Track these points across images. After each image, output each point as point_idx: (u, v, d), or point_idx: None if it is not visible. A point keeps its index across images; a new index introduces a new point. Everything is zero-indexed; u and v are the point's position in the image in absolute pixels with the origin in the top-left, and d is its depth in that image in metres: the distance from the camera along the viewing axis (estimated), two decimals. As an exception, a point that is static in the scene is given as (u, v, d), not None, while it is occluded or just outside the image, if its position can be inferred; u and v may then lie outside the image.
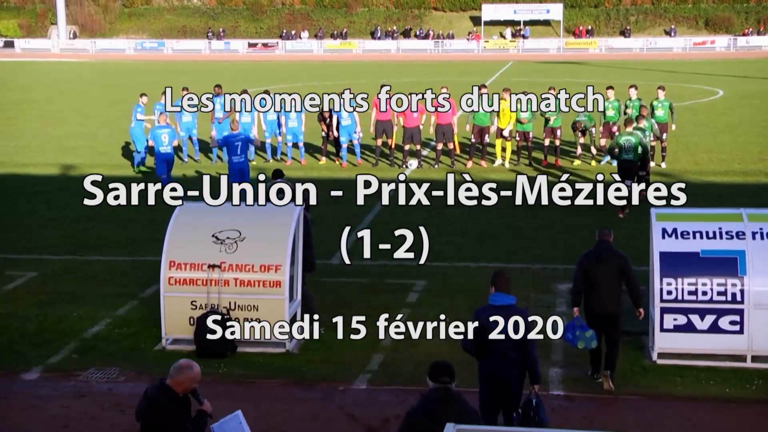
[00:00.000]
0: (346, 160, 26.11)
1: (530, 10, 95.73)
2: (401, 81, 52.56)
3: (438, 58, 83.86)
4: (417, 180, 24.18)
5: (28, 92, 49.62)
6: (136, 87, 27.87)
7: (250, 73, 64.74)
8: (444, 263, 16.25)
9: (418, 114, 25.20)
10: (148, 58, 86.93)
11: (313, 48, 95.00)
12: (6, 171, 25.84)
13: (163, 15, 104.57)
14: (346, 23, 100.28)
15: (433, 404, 6.83)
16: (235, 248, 12.05)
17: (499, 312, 8.77)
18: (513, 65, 71.43)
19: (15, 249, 17.44)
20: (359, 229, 18.83)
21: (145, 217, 19.83)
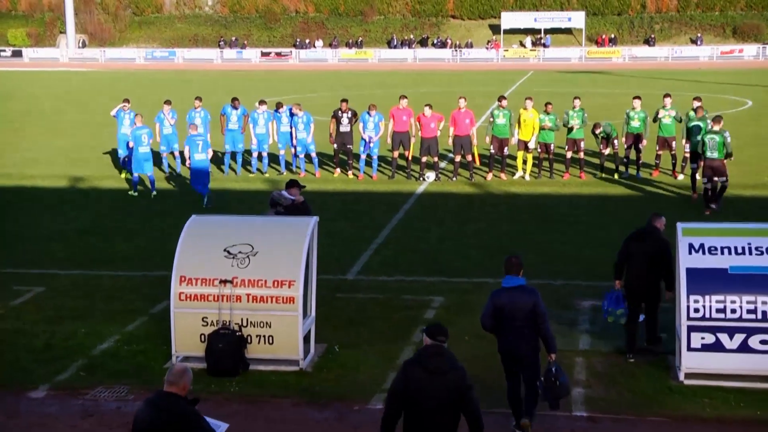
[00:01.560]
0: (363, 171, 26.13)
1: (551, 18, 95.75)
2: (418, 91, 52.59)
3: (456, 68, 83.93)
4: (434, 193, 24.17)
5: (36, 103, 49.92)
6: (147, 97, 28.03)
7: (263, 82, 64.93)
8: (462, 279, 16.21)
9: (435, 123, 25.21)
10: (158, 67, 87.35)
11: (327, 57, 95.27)
12: (13, 183, 25.97)
13: (174, 23, 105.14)
14: (362, 32, 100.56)
15: (429, 357, 7.88)
16: (248, 263, 12.06)
17: (510, 292, 10.20)
18: (533, 75, 71.39)
19: (22, 263, 17.51)
20: (375, 244, 18.82)
21: (155, 230, 19.89)
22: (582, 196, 23.44)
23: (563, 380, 10.09)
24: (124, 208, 22.60)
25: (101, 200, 23.67)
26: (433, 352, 7.91)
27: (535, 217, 21.13)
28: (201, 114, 26.27)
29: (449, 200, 23.31)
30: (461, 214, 21.52)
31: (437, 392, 7.75)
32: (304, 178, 25.38)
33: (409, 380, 7.85)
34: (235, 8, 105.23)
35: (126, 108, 26.15)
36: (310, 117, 26.28)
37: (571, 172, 25.92)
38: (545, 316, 10.09)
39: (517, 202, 22.89)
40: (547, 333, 10.08)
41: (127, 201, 23.42)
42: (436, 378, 7.76)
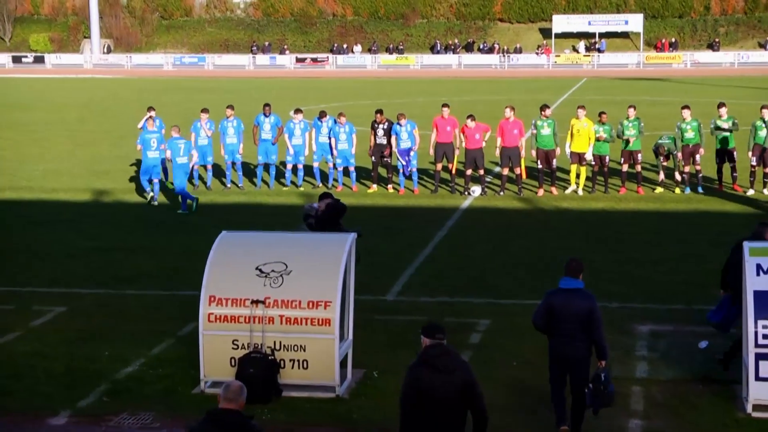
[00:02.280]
0: (403, 185, 26.17)
1: (606, 21, 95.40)
2: (463, 99, 52.60)
3: (503, 75, 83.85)
4: (480, 208, 24.13)
5: (59, 111, 50.54)
6: (175, 106, 28.28)
7: (297, 90, 65.28)
8: (509, 300, 16.16)
9: (480, 134, 25.20)
10: (187, 74, 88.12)
11: (366, 63, 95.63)
12: (34, 197, 26.29)
13: (203, 27, 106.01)
14: (403, 36, 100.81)
15: (436, 357, 8.32)
16: (281, 282, 12.09)
17: (566, 294, 10.50)
18: (587, 82, 71.15)
19: (42, 282, 17.69)
20: (417, 262, 18.82)
21: (183, 247, 20.03)
22: (639, 213, 23.29)
23: (611, 389, 10.42)
24: (149, 223, 22.79)
25: (126, 215, 23.89)
26: (439, 352, 8.37)
27: (588, 234, 21.02)
28: (234, 123, 26.45)
29: (496, 216, 23.25)
30: (509, 231, 21.47)
31: (446, 391, 8.24)
32: (340, 192, 25.46)
33: (418, 382, 8.30)
34: (268, 11, 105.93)
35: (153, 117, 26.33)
36: (352, 128, 26.42)
37: (628, 186, 25.77)
38: (600, 323, 10.43)
39: (569, 218, 22.79)
40: (601, 339, 10.42)
41: (152, 216, 23.61)
42: (445, 377, 8.24)
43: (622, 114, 26.90)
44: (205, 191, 26.48)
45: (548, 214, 23.37)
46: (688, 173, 25.58)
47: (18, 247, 20.45)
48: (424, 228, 21.83)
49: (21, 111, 50.86)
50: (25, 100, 58.48)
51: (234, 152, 26.48)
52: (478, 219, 22.93)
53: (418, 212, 23.79)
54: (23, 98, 59.80)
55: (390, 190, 26.22)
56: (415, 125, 25.94)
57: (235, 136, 26.46)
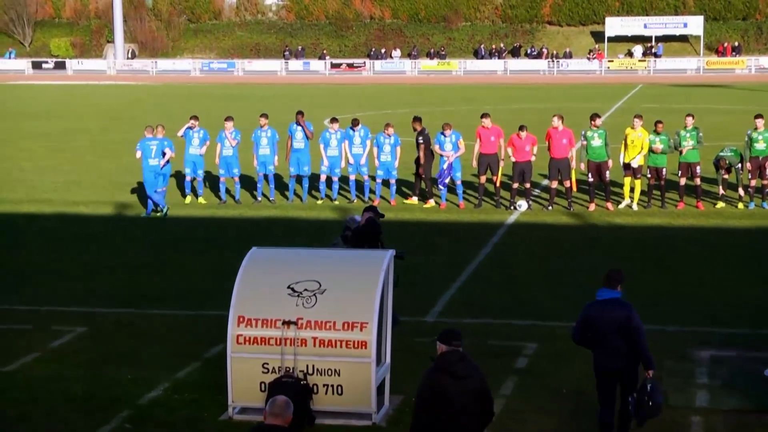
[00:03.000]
0: (445, 199, 26.16)
1: (664, 23, 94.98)
2: (508, 108, 52.56)
3: (552, 81, 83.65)
4: (527, 224, 24.06)
5: (80, 120, 51.00)
6: (202, 114, 28.43)
7: (332, 97, 65.48)
8: (558, 323, 16.07)
9: (529, 146, 25.16)
10: (215, 80, 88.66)
11: (406, 69, 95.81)
12: (54, 210, 26.52)
13: (233, 31, 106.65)
14: (445, 40, 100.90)
15: (453, 363, 8.91)
16: (314, 302, 12.10)
17: (604, 305, 10.87)
18: (642, 89, 70.82)
19: (62, 300, 17.82)
20: (459, 282, 18.79)
21: (211, 264, 20.12)
22: (698, 229, 23.13)
23: (657, 400, 10.58)
24: (176, 239, 22.93)
25: (151, 230, 24.05)
26: (456, 358, 8.95)
27: (643, 252, 20.90)
28: (267, 133, 26.57)
29: (543, 232, 23.18)
30: (557, 249, 21.38)
31: (463, 396, 8.83)
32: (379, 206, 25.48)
33: (435, 388, 8.87)
34: (301, 14, 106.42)
35: (195, 126, 26.49)
36: (398, 139, 26.48)
37: (686, 201, 25.60)
38: (640, 331, 10.70)
39: (623, 235, 22.67)
40: (643, 349, 10.69)
41: (179, 231, 23.76)
42: (462, 382, 8.85)
43: (679, 123, 26.74)
44: (233, 205, 26.61)
45: (600, 231, 23.26)
46: (754, 187, 25.37)
47: (36, 263, 20.64)
48: (467, 245, 21.79)
49: (41, 120, 51.40)
50: (45, 108, 59.09)
51: (267, 164, 26.58)
52: (524, 235, 22.87)
53: (461, 228, 23.76)
54: (43, 106, 60.42)
55: (430, 203, 26.22)
56: (460, 136, 26.00)
57: (268, 147, 26.56)
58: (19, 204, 27.33)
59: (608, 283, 11.04)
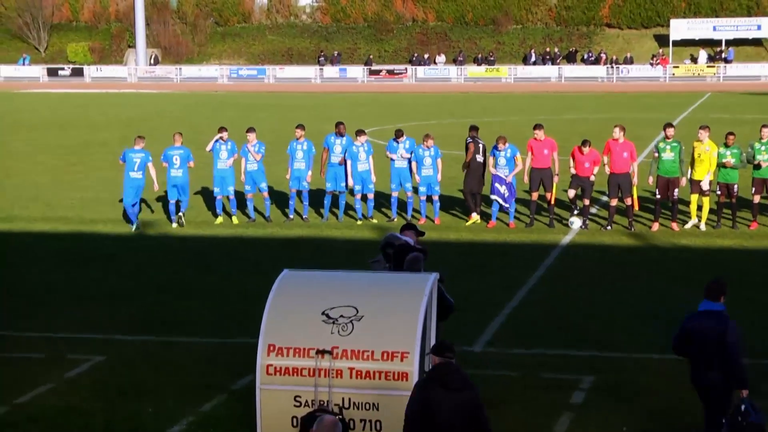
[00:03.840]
0: (495, 218, 26.11)
1: (734, 26, 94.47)
2: (563, 118, 52.44)
3: (612, 89, 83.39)
4: (584, 245, 23.97)
5: (99, 131, 51.40)
6: (230, 124, 28.57)
7: (370, 106, 65.62)
8: (618, 354, 16.01)
9: (590, 164, 25.10)
10: (245, 88, 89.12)
11: (450, 76, 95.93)
12: (70, 229, 26.71)
13: (264, 35, 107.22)
14: (494, 44, 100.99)
15: (447, 375, 9.67)
16: (351, 329, 12.10)
17: (701, 317, 11.31)
18: (711, 97, 70.43)
19: (78, 327, 17.92)
20: (509, 308, 18.74)
21: (239, 288, 20.18)
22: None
23: (754, 419, 10.87)
24: (201, 259, 23.03)
25: (174, 250, 24.17)
26: (450, 370, 9.74)
27: (713, 277, 20.70)
28: (304, 146, 26.62)
29: (602, 254, 23.08)
30: (617, 272, 21.28)
31: (456, 409, 9.53)
32: (423, 225, 25.48)
33: (427, 400, 9.57)
34: (338, 16, 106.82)
35: (224, 138, 26.67)
36: (438, 151, 26.43)
37: (760, 220, 25.41)
38: (735, 347, 11.04)
39: (690, 258, 22.53)
40: (736, 365, 11.02)
41: (205, 252, 23.86)
42: (454, 395, 9.57)
43: (752, 135, 26.57)
44: (263, 223, 26.70)
45: (665, 253, 23.13)
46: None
47: (51, 286, 20.78)
48: (518, 267, 21.73)
49: (57, 131, 51.86)
50: (61, 118, 59.62)
51: (300, 179, 26.63)
52: (580, 257, 22.78)
53: (511, 249, 23.71)
54: (59, 116, 60.96)
55: (473, 220, 26.17)
56: (517, 151, 25.86)
57: (303, 161, 26.60)
58: (33, 222, 27.57)
59: (709, 295, 11.43)
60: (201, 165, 29.03)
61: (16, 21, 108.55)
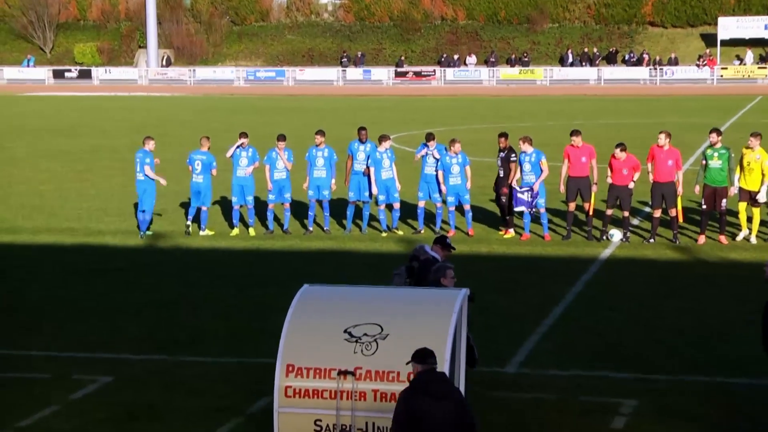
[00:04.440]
0: (528, 230, 26.05)
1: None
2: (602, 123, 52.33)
3: (655, 92, 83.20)
4: (625, 259, 23.89)
5: (108, 137, 51.63)
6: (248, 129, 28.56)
7: (396, 111, 65.67)
8: (661, 376, 15.93)
9: (629, 170, 25.01)
10: (263, 91, 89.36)
11: (482, 78, 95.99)
12: (76, 241, 26.80)
13: (283, 35, 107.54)
14: (528, 44, 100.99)
15: (432, 383, 9.98)
16: (375, 349, 12.09)
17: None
18: (762, 101, 70.16)
19: (85, 345, 17.95)
20: (544, 326, 18.68)
21: (255, 303, 20.20)
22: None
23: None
24: (216, 273, 23.06)
25: (187, 263, 24.22)
26: (435, 378, 10.08)
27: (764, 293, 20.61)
28: (324, 153, 26.63)
29: (644, 269, 23.00)
30: (661, 289, 21.20)
31: (441, 416, 9.79)
32: (454, 237, 25.43)
33: (415, 411, 9.82)
34: (362, 14, 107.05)
35: (244, 144, 26.75)
36: (466, 158, 26.36)
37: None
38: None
39: (740, 274, 22.41)
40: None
41: (220, 264, 23.90)
42: (439, 402, 9.84)
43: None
44: (282, 235, 26.72)
45: (712, 268, 23.02)
46: None
47: (55, 302, 20.84)
48: (554, 283, 21.67)
49: (63, 137, 52.13)
50: (67, 123, 59.93)
51: (321, 188, 26.65)
52: (621, 272, 22.70)
53: (546, 263, 23.65)
54: (66, 121, 61.28)
55: (509, 234, 26.12)
56: (542, 155, 25.75)
57: (324, 169, 26.62)
58: (37, 234, 27.68)
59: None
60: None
61: (20, 20, 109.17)
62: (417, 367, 10.16)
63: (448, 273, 13.85)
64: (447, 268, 13.95)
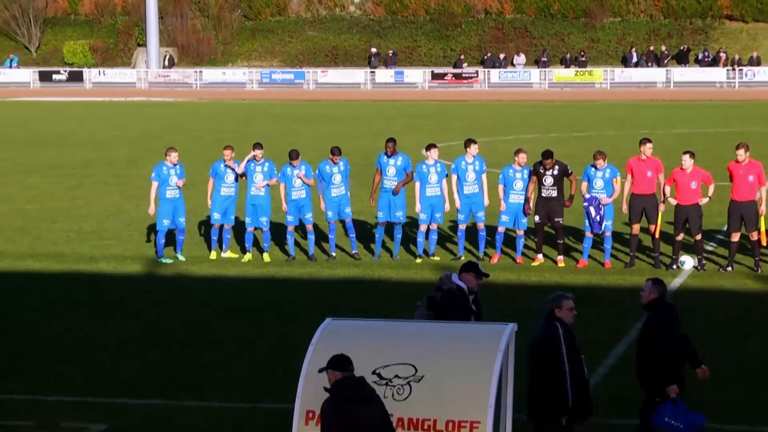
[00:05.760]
0: (587, 256, 25.97)
1: None
2: (672, 132, 52.22)
3: (734, 96, 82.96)
4: (698, 290, 23.81)
5: (102, 149, 51.77)
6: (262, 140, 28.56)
7: (432, 118, 65.65)
8: (743, 427, 15.90)
9: (698, 184, 24.91)
10: (279, 96, 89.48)
11: (532, 80, 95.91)
12: (66, 268, 26.85)
13: (302, 30, 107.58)
14: (586, 42, 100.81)
15: (351, 388, 10.89)
16: (408, 393, 12.09)
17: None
18: None
19: (74, 388, 17.98)
20: (605, 367, 18.64)
21: (270, 339, 20.22)
22: None
23: None
24: (225, 304, 23.08)
25: (192, 293, 24.25)
26: (354, 383, 10.98)
27: None
28: (341, 167, 26.61)
29: (722, 301, 22.91)
30: (742, 325, 21.12)
31: (370, 422, 10.75)
32: (495, 265, 25.39)
33: (341, 417, 10.64)
34: (393, 8, 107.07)
35: (259, 158, 26.73)
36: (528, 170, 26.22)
37: None
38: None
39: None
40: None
41: (229, 294, 23.93)
42: (366, 408, 10.79)
43: None
44: (300, 261, 26.71)
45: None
46: None
47: (42, 338, 20.88)
48: (616, 317, 21.61)
49: (50, 148, 52.32)
50: (55, 132, 60.15)
51: (342, 206, 26.67)
52: (694, 305, 22.58)
53: (606, 294, 23.57)
54: (53, 130, 61.52)
55: (561, 263, 26.03)
56: (617, 172, 25.62)
57: (342, 185, 26.59)
58: (21, 259, 27.77)
59: None
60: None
61: (2, 14, 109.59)
62: (336, 374, 11.02)
63: (565, 303, 13.64)
64: (564, 298, 13.71)
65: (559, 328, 13.52)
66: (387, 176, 26.74)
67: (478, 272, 15.34)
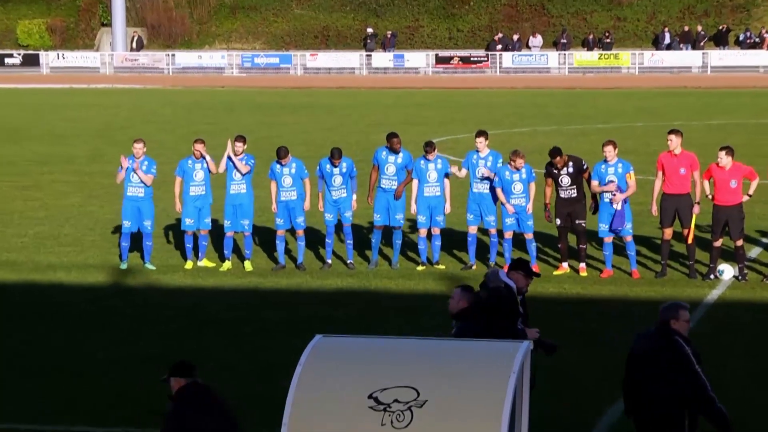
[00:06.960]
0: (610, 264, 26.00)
1: None
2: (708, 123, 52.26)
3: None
4: (738, 303, 23.85)
5: (60, 143, 51.74)
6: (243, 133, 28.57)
7: (436, 108, 65.62)
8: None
9: (738, 181, 24.90)
10: (262, 82, 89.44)
11: (549, 64, 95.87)
12: (20, 278, 26.85)
13: (289, 9, 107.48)
14: (611, 21, 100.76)
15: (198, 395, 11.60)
16: (409, 420, 12.13)
17: None
18: None
19: (32, 414, 18.00)
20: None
21: (255, 358, 20.24)
22: None
23: None
24: (203, 319, 23.10)
25: (166, 308, 24.25)
26: (200, 390, 11.65)
27: None
28: (343, 168, 26.55)
29: (765, 315, 22.94)
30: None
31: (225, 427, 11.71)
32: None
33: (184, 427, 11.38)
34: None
35: (239, 152, 26.46)
36: (532, 173, 26.11)
37: None
38: None
39: None
40: None
41: (208, 309, 23.92)
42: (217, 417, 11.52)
43: None
44: (288, 271, 26.74)
45: None
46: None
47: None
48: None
49: (1, 143, 52.23)
50: (8, 125, 60.08)
51: (343, 209, 26.65)
52: (733, 320, 22.67)
53: (634, 307, 23.61)
54: (6, 122, 61.43)
55: (583, 272, 26.06)
56: (630, 167, 25.62)
57: (343, 187, 26.57)
58: (-31, 268, 27.81)
59: None
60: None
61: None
62: (180, 381, 11.63)
63: (682, 314, 13.67)
64: (681, 308, 13.73)
65: (684, 345, 13.76)
66: (386, 175, 26.66)
67: (528, 271, 15.42)
